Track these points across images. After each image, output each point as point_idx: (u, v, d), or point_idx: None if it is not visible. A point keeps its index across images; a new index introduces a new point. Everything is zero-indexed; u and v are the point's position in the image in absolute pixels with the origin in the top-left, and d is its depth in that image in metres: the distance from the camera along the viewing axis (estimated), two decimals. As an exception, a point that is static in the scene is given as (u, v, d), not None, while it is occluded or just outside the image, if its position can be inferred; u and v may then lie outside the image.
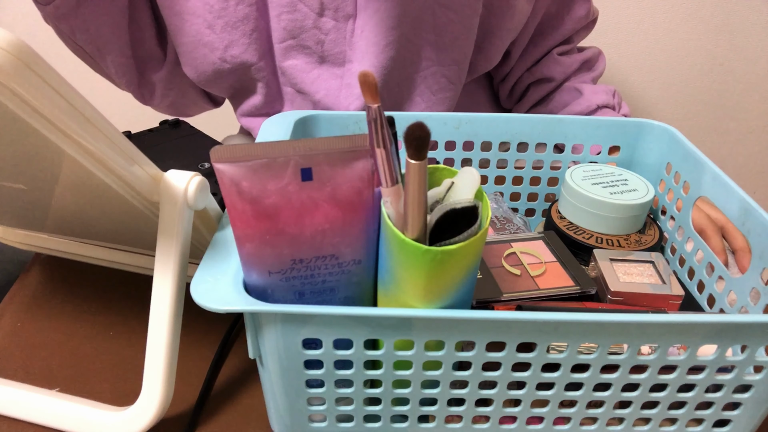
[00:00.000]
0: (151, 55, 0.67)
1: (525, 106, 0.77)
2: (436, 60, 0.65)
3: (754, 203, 0.40)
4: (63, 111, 0.29)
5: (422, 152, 0.28)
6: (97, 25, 0.60)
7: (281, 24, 0.61)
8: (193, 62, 0.64)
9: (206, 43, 0.62)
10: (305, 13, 0.60)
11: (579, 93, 0.72)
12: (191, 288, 0.32)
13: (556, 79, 0.73)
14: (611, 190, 0.49)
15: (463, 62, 0.66)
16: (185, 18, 0.61)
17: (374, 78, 0.30)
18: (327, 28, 0.61)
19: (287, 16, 0.61)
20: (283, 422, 0.37)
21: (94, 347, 0.47)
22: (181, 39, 0.63)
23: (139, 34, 0.65)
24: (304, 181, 0.31)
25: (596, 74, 0.76)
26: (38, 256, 0.57)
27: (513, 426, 0.37)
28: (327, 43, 0.62)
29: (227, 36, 0.61)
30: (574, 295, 0.42)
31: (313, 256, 0.33)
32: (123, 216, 0.40)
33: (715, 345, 0.33)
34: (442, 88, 0.67)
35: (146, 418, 0.37)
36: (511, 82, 0.77)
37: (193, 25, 0.61)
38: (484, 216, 0.31)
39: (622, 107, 0.72)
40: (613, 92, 0.72)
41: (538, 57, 0.74)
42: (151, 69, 0.68)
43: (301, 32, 0.62)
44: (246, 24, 0.61)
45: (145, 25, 0.65)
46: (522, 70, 0.75)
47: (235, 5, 0.60)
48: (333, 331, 0.32)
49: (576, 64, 0.74)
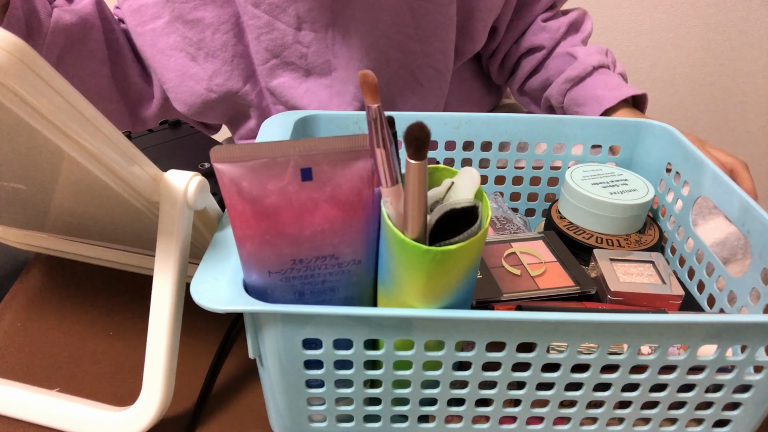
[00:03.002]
0: (140, 95, 0.68)
1: (518, 79, 0.76)
2: (420, 53, 0.65)
3: (754, 203, 0.40)
4: (63, 111, 0.29)
5: (422, 152, 0.28)
6: (80, 76, 0.61)
7: (262, 45, 0.62)
8: (181, 96, 0.65)
9: (191, 75, 0.63)
10: (284, 30, 0.61)
11: (572, 57, 0.70)
12: (191, 288, 0.32)
13: (545, 46, 0.72)
14: (611, 190, 0.49)
15: (448, 50, 0.66)
16: (169, 54, 0.62)
17: (374, 78, 0.30)
18: (308, 41, 0.62)
19: (266, 36, 0.61)
20: (283, 422, 0.37)
21: (94, 347, 0.47)
22: (167, 75, 0.64)
23: (123, 77, 0.66)
24: (304, 181, 0.31)
25: (585, 35, 0.74)
26: (38, 256, 0.57)
27: (513, 426, 0.37)
28: (310, 56, 0.63)
29: (210, 66, 0.63)
30: (574, 295, 0.42)
31: (313, 256, 0.33)
32: (123, 216, 0.40)
33: (715, 345, 0.33)
34: (431, 78, 0.67)
35: (146, 418, 0.37)
36: (499, 57, 0.76)
37: (177, 59, 0.62)
38: (484, 216, 0.31)
39: (617, 66, 0.71)
40: (605, 51, 0.70)
41: (524, 28, 0.73)
42: (143, 107, 0.69)
43: (283, 49, 0.62)
44: (225, 51, 0.62)
45: (128, 67, 0.66)
46: (509, 44, 0.74)
47: (211, 35, 0.61)
48: (333, 331, 0.32)
49: (563, 28, 0.72)
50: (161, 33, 0.62)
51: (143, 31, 0.62)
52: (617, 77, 0.69)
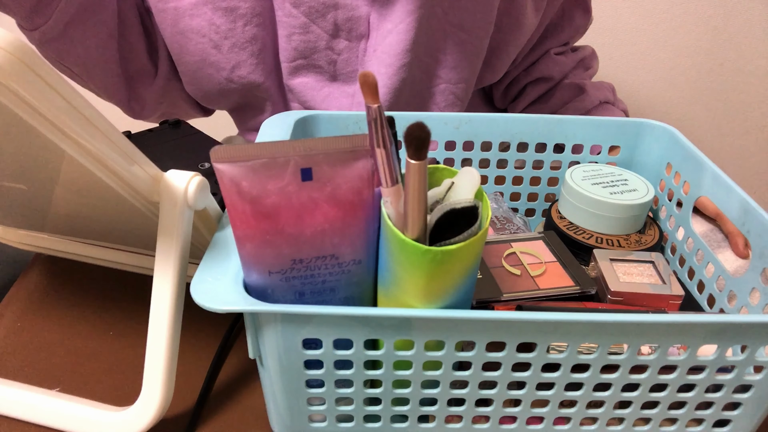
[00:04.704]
0: (142, 71, 0.66)
1: (521, 104, 0.78)
2: (446, 78, 0.65)
3: (754, 203, 0.40)
4: (63, 111, 0.29)
5: (422, 152, 0.28)
6: (85, 47, 0.58)
7: (292, 44, 0.60)
8: (197, 82, 0.63)
9: (212, 63, 0.61)
10: (318, 35, 0.60)
11: (580, 89, 0.72)
12: (191, 288, 0.32)
13: (554, 78, 0.74)
14: (611, 190, 0.49)
15: (471, 80, 0.67)
16: (189, 37, 0.60)
17: (374, 78, 0.30)
18: (340, 49, 0.61)
19: (299, 37, 0.60)
20: (283, 422, 0.37)
21: (94, 347, 0.47)
22: (185, 58, 0.62)
23: (128, 50, 0.63)
24: (304, 181, 0.31)
25: (592, 72, 0.77)
26: (38, 256, 0.57)
27: (513, 426, 0.37)
28: (339, 63, 0.62)
29: (234, 57, 0.60)
30: (574, 295, 0.42)
31: (313, 256, 0.33)
32: (123, 216, 0.40)
33: (715, 345, 0.33)
34: (450, 104, 0.67)
35: (146, 418, 0.37)
36: (505, 82, 0.77)
37: (198, 44, 0.60)
38: (484, 216, 0.31)
39: (620, 103, 0.74)
40: (612, 89, 0.73)
41: (535, 59, 0.75)
42: (142, 84, 0.66)
43: (313, 53, 0.61)
44: (254, 45, 0.60)
45: (135, 41, 0.63)
46: (518, 71, 0.75)
47: (243, 26, 0.59)
48: (333, 331, 0.32)
49: (573, 63, 0.74)
50: (185, 14, 0.59)
51: (165, 8, 0.59)
52: (620, 113, 0.72)
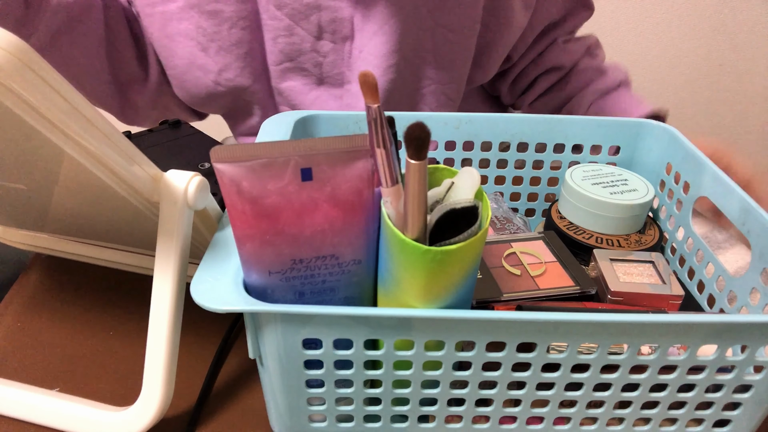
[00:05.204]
0: (133, 77, 0.66)
1: (531, 96, 0.77)
2: (435, 79, 0.65)
3: (754, 203, 0.40)
4: (63, 111, 0.29)
5: (422, 152, 0.28)
6: (73, 56, 0.59)
7: (278, 47, 0.61)
8: (185, 85, 0.63)
9: (200, 65, 0.61)
10: (303, 37, 0.60)
11: (599, 72, 0.73)
12: (191, 288, 0.32)
13: (565, 66, 0.74)
14: (611, 190, 0.49)
15: (461, 79, 0.66)
16: (178, 40, 0.60)
17: (374, 78, 0.30)
18: (325, 51, 0.61)
19: (284, 39, 0.60)
20: (283, 422, 0.37)
21: (94, 347, 0.47)
22: (173, 62, 0.62)
23: (118, 58, 0.63)
24: (304, 181, 0.31)
25: (599, 60, 0.76)
26: (38, 256, 0.57)
27: (513, 426, 0.37)
28: (325, 65, 0.62)
29: (221, 59, 0.61)
30: (574, 295, 0.42)
31: (313, 256, 0.33)
32: (123, 216, 0.40)
33: (715, 345, 0.33)
34: (442, 105, 0.67)
35: (146, 418, 0.37)
36: (511, 77, 0.76)
37: (186, 47, 0.60)
38: (484, 216, 0.31)
39: None
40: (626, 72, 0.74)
41: (542, 50, 0.74)
42: (134, 90, 0.66)
43: (299, 55, 0.61)
44: (240, 48, 0.60)
45: (124, 48, 0.63)
46: (524, 64, 0.75)
47: (228, 29, 0.59)
48: (333, 331, 0.32)
49: (582, 49, 0.74)
50: (173, 17, 0.59)
51: (153, 12, 0.60)
52: (637, 98, 0.73)
